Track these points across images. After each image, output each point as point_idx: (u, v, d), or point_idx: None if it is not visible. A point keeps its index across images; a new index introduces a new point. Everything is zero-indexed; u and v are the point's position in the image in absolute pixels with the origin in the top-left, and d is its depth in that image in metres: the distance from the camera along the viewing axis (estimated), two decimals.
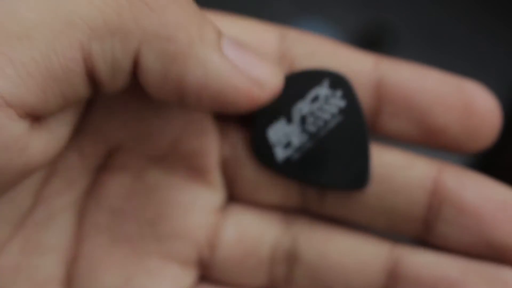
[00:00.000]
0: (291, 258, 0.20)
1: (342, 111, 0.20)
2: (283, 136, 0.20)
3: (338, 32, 0.83)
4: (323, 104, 0.20)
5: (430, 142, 0.20)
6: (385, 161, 0.20)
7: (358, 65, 0.20)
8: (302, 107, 0.20)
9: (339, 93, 0.20)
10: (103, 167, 0.20)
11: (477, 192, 0.20)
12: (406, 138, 0.20)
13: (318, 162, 0.20)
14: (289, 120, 0.20)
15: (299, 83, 0.20)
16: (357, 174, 0.20)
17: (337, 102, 0.20)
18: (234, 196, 0.21)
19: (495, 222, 0.19)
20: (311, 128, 0.20)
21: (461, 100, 0.20)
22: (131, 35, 0.16)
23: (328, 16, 0.84)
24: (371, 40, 0.81)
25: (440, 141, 0.20)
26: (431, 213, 0.20)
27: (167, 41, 0.17)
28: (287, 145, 0.20)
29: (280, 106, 0.20)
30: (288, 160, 0.20)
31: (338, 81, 0.20)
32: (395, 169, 0.20)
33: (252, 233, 0.21)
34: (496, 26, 0.84)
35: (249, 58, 0.18)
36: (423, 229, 0.20)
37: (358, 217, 0.20)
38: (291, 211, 0.21)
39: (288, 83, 0.20)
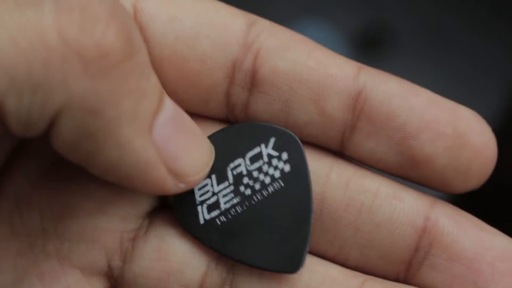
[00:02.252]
0: None
1: (285, 176, 0.17)
2: (211, 195, 0.17)
3: (338, 32, 0.83)
4: (264, 165, 0.17)
5: (411, 174, 0.17)
6: (368, 187, 0.17)
7: (337, 70, 0.17)
8: (240, 165, 0.17)
9: (285, 155, 0.17)
10: (19, 149, 0.18)
11: (475, 237, 0.17)
12: (381, 165, 0.17)
13: (245, 232, 0.17)
14: (222, 178, 0.17)
15: (242, 137, 0.17)
16: (289, 256, 0.17)
17: (281, 165, 0.17)
18: (167, 203, 0.19)
19: (493, 275, 0.16)
20: (246, 190, 0.17)
21: (454, 128, 0.16)
22: (55, 96, 0.14)
23: (328, 16, 0.84)
24: (371, 40, 0.81)
25: (423, 174, 0.17)
26: (417, 255, 0.17)
27: (92, 115, 0.14)
28: (214, 206, 0.17)
29: (215, 161, 0.17)
30: (210, 224, 0.17)
31: (286, 141, 0.17)
32: (379, 199, 0.17)
33: (182, 250, 0.18)
34: (496, 26, 0.84)
35: (180, 143, 0.15)
36: (405, 272, 0.17)
37: (325, 248, 0.17)
38: None
39: (229, 135, 0.17)
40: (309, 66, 0.17)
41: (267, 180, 0.17)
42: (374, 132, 0.17)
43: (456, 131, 0.16)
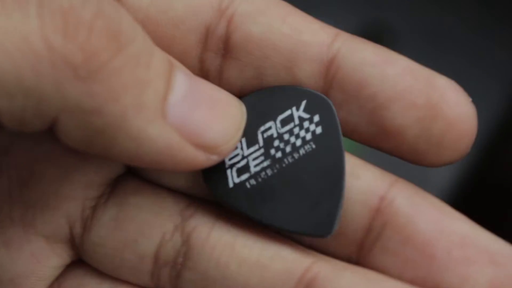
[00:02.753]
0: (181, 261, 0.17)
1: (317, 138, 0.17)
2: (240, 158, 0.17)
3: None
4: (296, 128, 0.17)
5: (383, 144, 0.17)
6: None
7: (312, 36, 0.17)
8: (270, 128, 0.17)
9: (316, 117, 0.17)
10: None
11: (432, 220, 0.16)
12: (354, 135, 0.17)
13: (275, 195, 0.17)
14: (252, 141, 0.17)
15: (273, 100, 0.17)
16: (322, 220, 0.16)
17: (313, 127, 0.17)
18: (132, 170, 0.18)
19: (448, 262, 0.15)
20: (277, 153, 0.17)
21: (426, 98, 0.16)
22: (49, 101, 0.14)
23: (328, 16, 0.84)
24: (371, 40, 0.81)
25: (395, 145, 0.16)
26: (370, 236, 0.16)
27: (92, 114, 0.14)
28: (243, 169, 0.17)
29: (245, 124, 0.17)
30: (240, 187, 0.17)
31: (318, 104, 0.17)
32: None
33: (137, 220, 0.17)
34: (496, 26, 0.84)
35: (202, 116, 0.15)
36: (357, 254, 0.17)
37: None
38: (195, 199, 0.18)
39: (260, 98, 0.17)
40: (283, 32, 0.17)
41: (298, 142, 0.17)
42: (346, 101, 0.16)
43: (429, 102, 0.16)
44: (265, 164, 0.17)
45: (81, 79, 0.13)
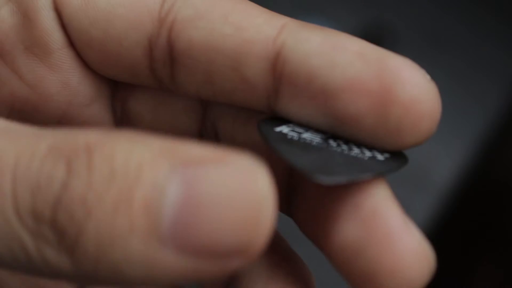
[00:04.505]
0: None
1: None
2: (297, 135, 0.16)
3: None
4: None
5: (344, 133, 0.16)
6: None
7: (255, 33, 0.16)
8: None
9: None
10: None
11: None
12: (313, 126, 0.16)
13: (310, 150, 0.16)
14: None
15: None
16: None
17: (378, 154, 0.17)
18: None
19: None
20: (333, 144, 0.16)
21: (379, 83, 0.15)
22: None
23: (328, 16, 0.84)
24: (371, 40, 0.82)
25: (355, 133, 0.16)
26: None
27: (89, 277, 0.13)
28: (298, 136, 0.16)
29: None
30: (283, 134, 0.16)
31: None
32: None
33: None
34: (496, 26, 0.84)
35: (207, 221, 0.12)
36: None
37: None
38: None
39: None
40: (225, 33, 0.16)
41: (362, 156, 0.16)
42: (297, 95, 0.16)
43: (382, 86, 0.15)
44: (317, 138, 0.16)
45: (63, 254, 0.13)
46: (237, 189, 0.12)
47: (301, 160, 0.15)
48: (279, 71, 0.16)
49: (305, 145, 0.16)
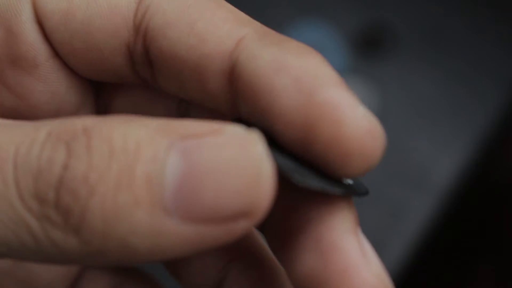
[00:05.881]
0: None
1: None
2: None
3: (338, 32, 0.83)
4: None
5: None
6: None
7: (216, 45, 0.15)
8: None
9: None
10: None
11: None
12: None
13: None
14: None
15: None
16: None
17: None
18: None
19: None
20: None
21: (304, 117, 0.14)
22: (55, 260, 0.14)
23: (328, 16, 0.84)
24: (371, 40, 0.82)
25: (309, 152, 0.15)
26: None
27: (95, 255, 0.13)
28: None
29: None
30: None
31: None
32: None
33: None
34: (496, 26, 0.84)
35: (209, 188, 0.12)
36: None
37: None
38: None
39: None
40: (189, 44, 0.16)
41: None
42: (251, 114, 0.15)
43: (306, 121, 0.14)
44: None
45: (70, 235, 0.13)
46: (235, 155, 0.13)
47: (279, 159, 0.15)
48: (234, 87, 0.15)
49: (279, 151, 0.15)
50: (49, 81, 0.17)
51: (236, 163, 0.12)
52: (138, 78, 0.17)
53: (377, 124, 0.14)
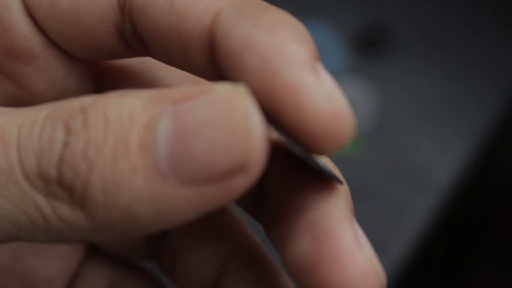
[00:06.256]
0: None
1: None
2: None
3: (338, 32, 0.83)
4: None
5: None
6: None
7: (193, 23, 0.15)
8: None
9: None
10: None
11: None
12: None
13: None
14: None
15: None
16: None
17: None
18: None
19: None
20: None
21: (269, 96, 0.14)
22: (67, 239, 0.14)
23: (328, 16, 0.84)
24: (371, 40, 0.82)
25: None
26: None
27: (102, 228, 0.14)
28: None
29: None
30: None
31: None
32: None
33: None
34: (496, 26, 0.84)
35: (200, 146, 0.13)
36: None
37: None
38: None
39: None
40: (170, 22, 0.16)
41: None
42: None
43: (272, 104, 0.14)
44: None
45: (77, 209, 0.13)
46: (222, 111, 0.13)
47: (278, 130, 0.15)
48: (216, 61, 0.15)
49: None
50: (47, 70, 0.17)
51: (224, 118, 0.12)
52: (135, 53, 0.18)
53: (342, 105, 0.14)
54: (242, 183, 0.13)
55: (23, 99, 0.18)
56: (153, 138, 0.12)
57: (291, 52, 0.14)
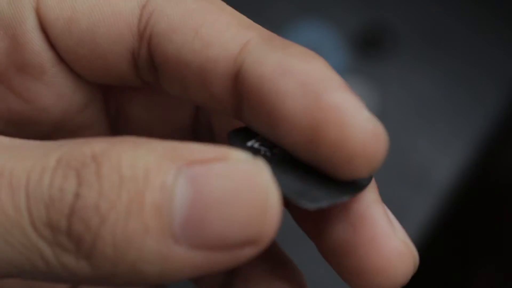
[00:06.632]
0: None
1: None
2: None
3: (338, 32, 0.83)
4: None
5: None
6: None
7: (220, 49, 0.15)
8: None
9: None
10: None
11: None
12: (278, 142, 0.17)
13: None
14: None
15: None
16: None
17: None
18: None
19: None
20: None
21: (310, 119, 0.15)
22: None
23: (328, 16, 0.84)
24: (371, 40, 0.82)
25: (312, 155, 0.15)
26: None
27: (109, 278, 0.14)
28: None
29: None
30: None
31: None
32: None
33: None
34: (496, 26, 0.84)
35: (215, 217, 0.12)
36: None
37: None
38: None
39: None
40: (194, 49, 0.16)
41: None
42: (255, 117, 0.15)
43: (311, 124, 0.14)
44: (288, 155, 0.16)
45: (82, 260, 0.13)
46: (241, 186, 0.13)
47: (284, 182, 0.15)
48: (239, 90, 0.16)
49: (282, 164, 0.16)
50: (56, 85, 0.17)
51: (242, 194, 0.13)
52: (142, 82, 0.18)
53: (380, 127, 0.14)
54: (252, 253, 0.13)
55: (29, 114, 0.18)
56: (169, 202, 0.12)
57: (330, 76, 0.15)
